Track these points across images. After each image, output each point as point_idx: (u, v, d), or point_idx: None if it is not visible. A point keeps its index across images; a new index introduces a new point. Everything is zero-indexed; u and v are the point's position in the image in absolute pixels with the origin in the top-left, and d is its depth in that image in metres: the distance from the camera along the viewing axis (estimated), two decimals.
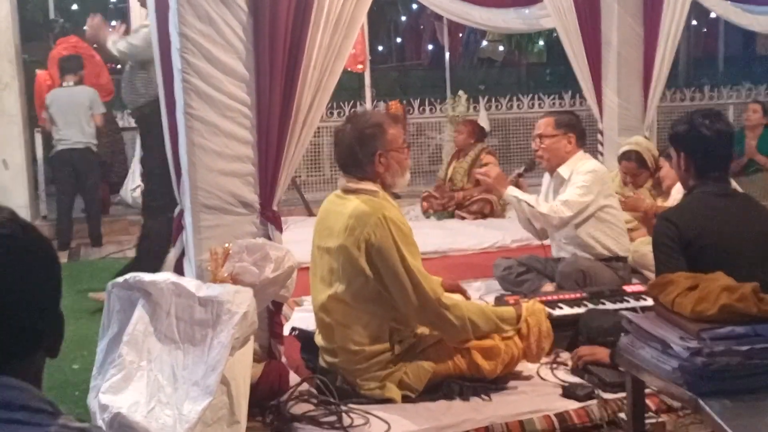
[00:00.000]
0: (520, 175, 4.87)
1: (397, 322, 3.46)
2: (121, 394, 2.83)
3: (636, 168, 5.65)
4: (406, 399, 3.42)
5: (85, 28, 8.41)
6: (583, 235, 4.71)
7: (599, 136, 6.41)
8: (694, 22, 18.06)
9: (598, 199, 4.65)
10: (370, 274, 3.34)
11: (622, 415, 3.23)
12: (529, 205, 4.58)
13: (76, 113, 7.58)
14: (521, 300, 3.94)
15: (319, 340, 3.62)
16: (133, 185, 7.98)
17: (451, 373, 3.49)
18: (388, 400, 3.38)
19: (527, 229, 5.00)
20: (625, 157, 5.70)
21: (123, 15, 9.03)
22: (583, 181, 4.63)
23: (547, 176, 4.99)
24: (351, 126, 3.51)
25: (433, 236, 6.91)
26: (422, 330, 3.58)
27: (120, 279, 3.15)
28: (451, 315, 3.39)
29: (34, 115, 8.81)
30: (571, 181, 4.67)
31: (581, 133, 4.84)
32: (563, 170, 4.72)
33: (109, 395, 2.81)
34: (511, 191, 4.65)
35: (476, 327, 3.47)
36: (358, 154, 3.46)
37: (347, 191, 3.50)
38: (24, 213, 7.50)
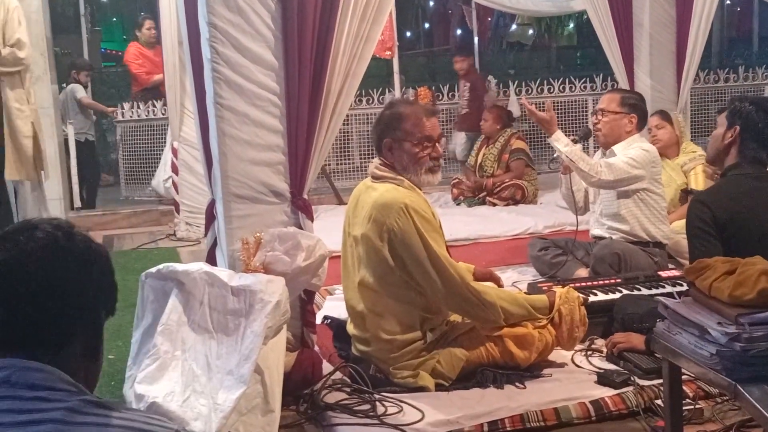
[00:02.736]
0: (574, 142, 4.72)
1: (427, 311, 3.45)
2: (157, 383, 2.85)
3: None
4: (439, 387, 3.41)
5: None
6: (625, 212, 4.65)
7: None
8: (728, 2, 17.78)
9: (644, 180, 4.59)
10: (393, 264, 3.35)
11: (659, 401, 3.20)
12: (569, 157, 4.49)
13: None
14: (554, 286, 3.90)
15: (351, 329, 3.62)
16: (165, 176, 8.03)
17: (484, 361, 3.47)
18: (422, 389, 3.38)
19: (567, 200, 4.92)
20: None
21: (152, 6, 9.08)
22: (635, 155, 4.57)
23: (598, 154, 4.93)
24: (385, 108, 3.65)
25: (464, 223, 6.89)
26: (455, 318, 3.57)
27: (153, 269, 3.17)
28: (479, 300, 3.38)
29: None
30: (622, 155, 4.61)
31: (643, 115, 4.78)
32: (618, 149, 4.65)
33: (145, 385, 2.83)
34: (558, 136, 4.54)
35: (508, 313, 3.45)
36: (374, 137, 3.58)
37: (375, 178, 3.53)
38: (58, 205, 7.68)
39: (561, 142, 4.52)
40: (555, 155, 4.72)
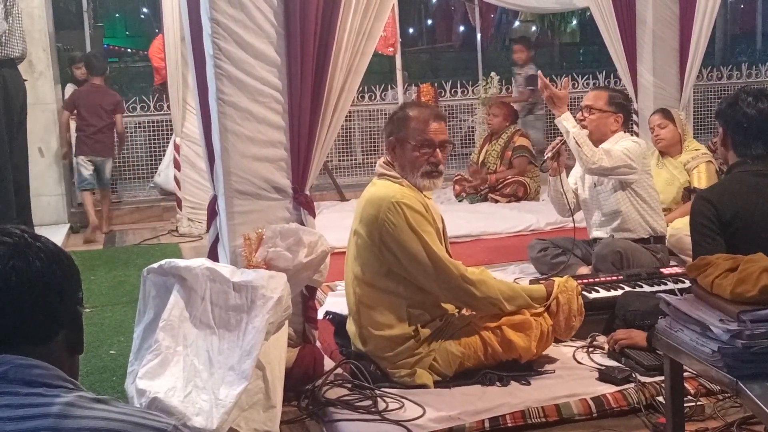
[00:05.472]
0: (563, 142, 4.67)
1: (413, 306, 3.45)
2: (158, 379, 2.85)
3: None
4: (440, 384, 3.41)
5: None
6: (625, 207, 4.63)
7: (635, 116, 6.32)
8: None
9: (635, 172, 4.57)
10: (387, 260, 3.38)
11: (660, 398, 3.20)
12: (575, 141, 4.45)
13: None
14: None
15: (349, 326, 3.63)
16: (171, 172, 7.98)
17: (481, 354, 3.45)
18: (421, 386, 3.38)
19: (556, 202, 4.86)
20: None
21: (155, 2, 9.07)
22: (628, 146, 4.56)
23: None
24: (398, 108, 3.73)
25: (466, 220, 6.89)
26: (451, 309, 3.56)
27: (155, 265, 3.17)
28: (476, 290, 3.40)
29: None
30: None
31: (629, 115, 4.80)
32: (605, 146, 4.61)
33: (146, 380, 2.83)
34: (566, 117, 4.52)
35: (507, 298, 3.45)
36: (384, 135, 3.64)
37: (378, 175, 3.58)
38: (59, 201, 7.68)
39: (570, 123, 4.50)
40: (546, 158, 4.69)
